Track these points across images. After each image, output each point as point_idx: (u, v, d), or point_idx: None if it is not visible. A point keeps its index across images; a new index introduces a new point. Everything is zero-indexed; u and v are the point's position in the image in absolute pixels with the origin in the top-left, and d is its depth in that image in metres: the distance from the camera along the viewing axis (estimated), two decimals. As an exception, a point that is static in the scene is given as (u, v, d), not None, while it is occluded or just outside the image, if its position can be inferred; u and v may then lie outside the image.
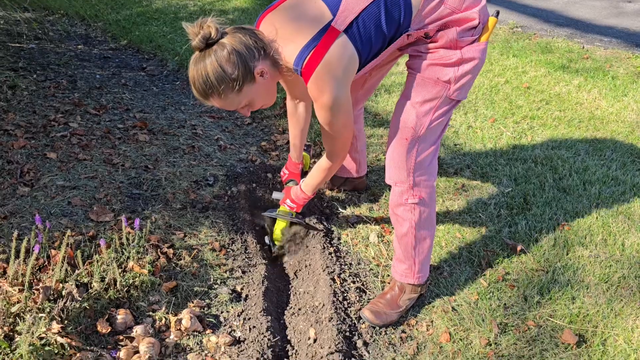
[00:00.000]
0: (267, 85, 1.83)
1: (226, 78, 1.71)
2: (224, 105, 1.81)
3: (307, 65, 1.74)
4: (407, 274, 2.13)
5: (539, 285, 2.25)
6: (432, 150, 1.97)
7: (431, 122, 1.91)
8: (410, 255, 2.10)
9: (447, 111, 1.93)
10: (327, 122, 1.89)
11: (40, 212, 2.39)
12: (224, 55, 1.69)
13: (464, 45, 1.83)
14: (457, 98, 1.91)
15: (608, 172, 3.03)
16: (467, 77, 1.87)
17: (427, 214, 2.05)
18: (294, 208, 2.40)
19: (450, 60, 1.83)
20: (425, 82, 1.88)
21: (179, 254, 2.27)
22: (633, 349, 1.97)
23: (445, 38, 1.82)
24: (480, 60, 1.87)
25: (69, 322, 1.83)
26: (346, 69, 1.77)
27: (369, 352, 1.99)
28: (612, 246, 2.47)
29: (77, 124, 3.24)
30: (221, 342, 1.96)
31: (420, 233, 2.06)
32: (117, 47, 4.96)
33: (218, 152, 3.17)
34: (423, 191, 2.00)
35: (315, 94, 1.81)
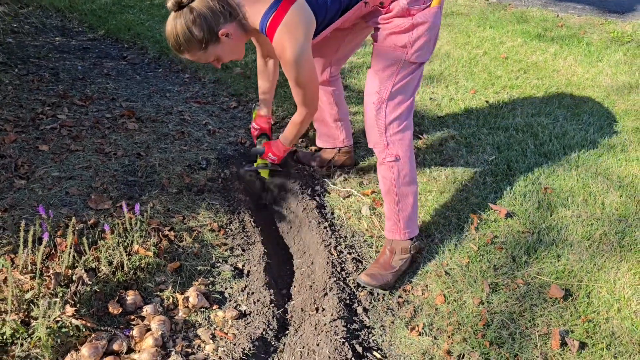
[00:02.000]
0: (233, 44, 2.04)
1: (192, 39, 1.95)
2: (194, 59, 2.06)
3: (269, 26, 1.96)
4: (394, 230, 2.28)
5: (525, 246, 2.37)
6: (403, 111, 2.14)
7: (394, 85, 2.09)
8: (394, 211, 2.25)
9: (410, 73, 2.10)
10: (293, 76, 2.07)
11: (40, 203, 2.43)
12: (191, 18, 1.91)
13: (416, 12, 2.00)
14: (417, 60, 2.09)
15: (586, 135, 3.15)
16: (422, 40, 2.04)
17: (406, 171, 2.20)
18: (275, 160, 2.60)
19: (403, 27, 2.02)
20: (384, 50, 2.09)
21: (180, 236, 2.34)
22: (615, 299, 2.10)
23: (397, 7, 2.00)
24: (432, 23, 2.04)
25: (81, 305, 1.89)
26: (304, 27, 1.97)
27: (369, 317, 2.09)
28: (592, 205, 2.60)
29: (65, 116, 3.26)
30: (228, 316, 2.05)
31: (401, 190, 2.22)
32: (95, 37, 4.93)
33: (207, 137, 3.22)
34: (399, 149, 2.16)
35: (280, 52, 2.01)
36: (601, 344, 1.92)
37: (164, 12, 5.28)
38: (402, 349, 1.96)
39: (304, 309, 2.14)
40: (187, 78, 4.09)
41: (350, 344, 1.93)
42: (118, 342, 1.85)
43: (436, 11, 2.04)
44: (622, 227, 2.46)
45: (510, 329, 1.99)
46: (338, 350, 1.88)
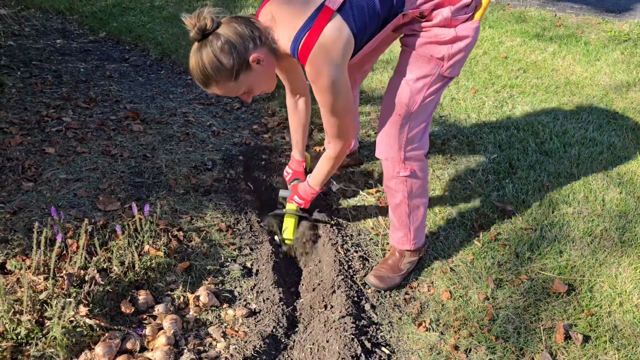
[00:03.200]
0: (265, 71, 1.87)
1: (222, 68, 1.77)
2: (224, 92, 1.86)
3: (302, 48, 1.77)
4: (404, 241, 2.25)
5: (528, 242, 2.41)
6: (424, 127, 2.03)
7: (424, 98, 1.95)
8: (405, 223, 2.20)
9: (439, 88, 1.97)
10: (328, 104, 1.91)
11: (48, 205, 2.46)
12: (218, 46, 1.74)
13: (458, 24, 1.87)
14: (449, 75, 1.95)
15: (586, 134, 3.20)
16: (460, 55, 1.91)
17: (419, 185, 2.12)
18: (302, 204, 2.40)
19: (444, 38, 1.87)
20: (419, 59, 1.92)
21: (188, 236, 2.37)
22: (617, 293, 2.14)
23: (440, 17, 1.85)
24: (473, 38, 1.91)
25: (94, 305, 1.92)
26: (342, 49, 1.79)
27: (376, 314, 2.13)
28: (593, 202, 2.64)
29: (70, 118, 3.29)
30: (238, 314, 2.08)
31: (413, 202, 2.15)
32: (96, 39, 4.95)
33: (212, 138, 3.25)
34: (414, 164, 2.07)
35: (313, 77, 1.83)
36: (604, 337, 1.96)
37: (165, 14, 5.31)
38: (410, 344, 2.00)
39: (312, 306, 2.17)
40: (189, 80, 4.12)
41: (359, 340, 1.96)
42: (131, 341, 1.88)
43: (477, 26, 1.92)
44: (623, 223, 2.50)
45: (516, 324, 2.03)
46: (348, 347, 1.91)
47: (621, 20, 4.77)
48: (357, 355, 1.91)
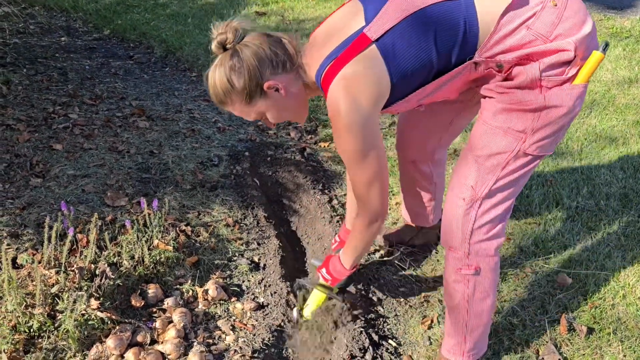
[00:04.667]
0: (285, 101, 1.61)
1: (232, 89, 1.55)
2: (238, 113, 1.65)
3: (325, 76, 1.50)
4: (455, 351, 1.81)
5: (532, 236, 2.43)
6: (499, 215, 1.61)
7: (497, 180, 1.55)
8: (460, 331, 1.76)
9: (521, 167, 1.55)
10: (345, 151, 1.58)
11: (57, 201, 2.49)
12: (232, 65, 1.52)
13: (551, 87, 1.42)
14: (537, 153, 1.52)
15: (588, 129, 3.22)
16: (549, 129, 1.47)
17: (485, 287, 1.69)
18: (328, 281, 1.95)
19: (528, 106, 1.45)
20: (493, 130, 1.52)
21: (196, 231, 2.40)
22: (620, 286, 2.16)
23: (524, 76, 1.42)
24: (570, 108, 1.44)
25: (104, 298, 1.95)
26: (370, 89, 1.48)
27: (383, 307, 2.15)
28: (596, 197, 2.66)
29: (77, 115, 3.31)
30: (246, 308, 2.11)
31: (474, 309, 1.72)
32: (101, 37, 4.98)
33: (218, 134, 3.28)
34: (482, 261, 1.64)
35: (332, 112, 1.52)
36: (608, 329, 1.99)
37: (169, 12, 5.33)
38: (415, 337, 2.03)
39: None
40: (194, 77, 4.15)
41: (367, 333, 1.99)
42: (142, 334, 1.91)
43: (581, 92, 1.43)
44: (626, 217, 2.52)
45: (521, 316, 2.06)
46: (356, 339, 1.94)
47: (623, 17, 4.79)
48: (364, 348, 1.93)
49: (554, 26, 1.40)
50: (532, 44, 1.40)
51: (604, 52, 1.40)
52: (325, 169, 3.02)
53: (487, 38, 1.43)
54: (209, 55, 4.22)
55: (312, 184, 2.83)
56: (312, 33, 1.66)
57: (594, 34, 1.44)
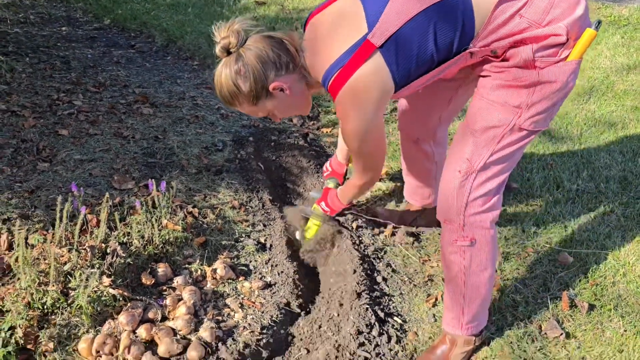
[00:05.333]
0: (290, 100, 1.70)
1: (238, 92, 1.64)
2: (246, 112, 1.74)
3: (333, 83, 1.57)
4: (454, 325, 1.84)
5: (534, 218, 2.48)
6: (494, 188, 1.65)
7: (492, 153, 1.59)
8: (458, 303, 1.80)
9: (516, 142, 1.59)
10: (354, 147, 1.76)
11: (65, 184, 2.51)
12: (236, 69, 1.60)
13: (545, 66, 1.47)
14: (532, 128, 1.56)
15: (588, 114, 3.26)
16: (544, 104, 1.52)
17: (482, 260, 1.72)
18: (328, 212, 2.24)
19: (522, 81, 1.50)
20: (490, 105, 1.57)
21: (203, 213, 2.43)
22: (621, 265, 2.21)
23: (518, 57, 1.48)
24: (564, 83, 1.49)
25: (116, 276, 1.98)
26: (376, 95, 1.57)
27: (388, 286, 2.19)
28: (596, 180, 2.71)
29: (81, 102, 3.33)
30: (254, 286, 2.14)
31: (472, 280, 1.74)
32: (102, 26, 4.99)
33: (221, 120, 3.31)
34: (477, 232, 1.68)
35: (340, 116, 1.68)
36: (609, 305, 2.04)
37: (169, 1, 5.35)
38: (420, 314, 2.07)
39: (327, 279, 2.24)
40: (196, 65, 4.17)
41: (373, 310, 2.03)
42: (153, 311, 1.94)
43: (574, 68, 1.48)
44: (625, 199, 2.57)
45: (523, 294, 2.10)
46: (362, 316, 1.98)
47: (621, 5, 4.83)
48: (371, 324, 1.97)
49: (546, 12, 1.44)
50: (525, 30, 1.45)
51: (597, 29, 1.44)
52: (328, 154, 3.05)
53: (482, 29, 1.48)
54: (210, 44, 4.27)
55: (315, 167, 2.87)
56: (309, 18, 1.69)
57: (586, 15, 1.47)
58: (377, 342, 1.93)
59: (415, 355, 1.92)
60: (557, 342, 1.92)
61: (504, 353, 1.89)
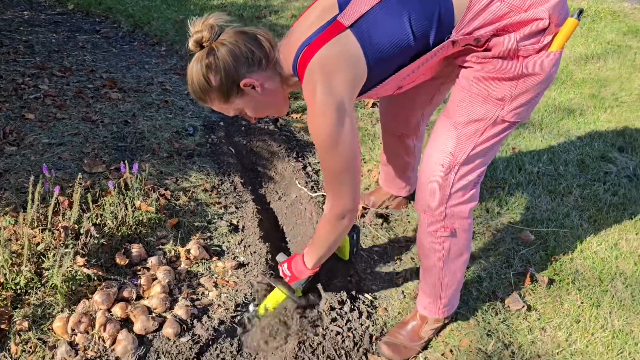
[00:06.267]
0: (262, 98, 1.61)
1: (209, 87, 1.56)
2: (217, 109, 1.66)
3: (300, 61, 1.50)
4: (431, 308, 1.89)
5: (498, 199, 2.58)
6: (474, 180, 1.65)
7: (474, 147, 1.58)
8: (436, 289, 1.84)
9: (498, 134, 1.58)
10: (319, 137, 1.54)
11: (34, 167, 2.49)
12: (208, 63, 1.52)
13: (528, 55, 1.45)
14: (514, 120, 1.55)
15: (548, 102, 3.39)
16: (527, 96, 1.51)
17: (459, 247, 1.76)
18: (287, 278, 1.91)
19: (507, 74, 1.47)
20: (472, 98, 1.55)
21: (176, 195, 2.45)
22: (578, 242, 2.33)
23: (502, 46, 1.44)
24: (547, 75, 1.47)
25: (89, 256, 1.99)
26: (346, 70, 1.47)
27: (358, 266, 2.26)
28: (556, 163, 2.83)
29: (47, 86, 3.29)
30: (228, 266, 2.18)
31: (449, 267, 1.79)
32: (65, 11, 4.90)
33: (191, 105, 3.31)
34: (457, 223, 1.70)
35: (307, 96, 1.51)
36: (567, 279, 2.15)
37: (135, -13, 5.28)
38: (390, 292, 2.14)
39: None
40: (163, 51, 4.14)
41: (346, 288, 2.09)
42: (127, 290, 1.96)
43: (556, 59, 1.45)
44: (583, 181, 2.70)
45: (488, 270, 2.20)
46: (334, 293, 2.04)
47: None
48: (343, 301, 2.04)
49: None
50: (507, 15, 1.41)
51: (578, 18, 1.42)
52: (298, 139, 3.10)
53: (462, 16, 1.44)
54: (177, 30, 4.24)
55: (286, 152, 2.91)
56: (292, 26, 1.66)
57: (564, 1, 1.45)
58: (348, 317, 2.00)
59: (385, 330, 1.99)
60: (519, 314, 2.02)
61: (470, 325, 1.98)
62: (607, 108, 3.31)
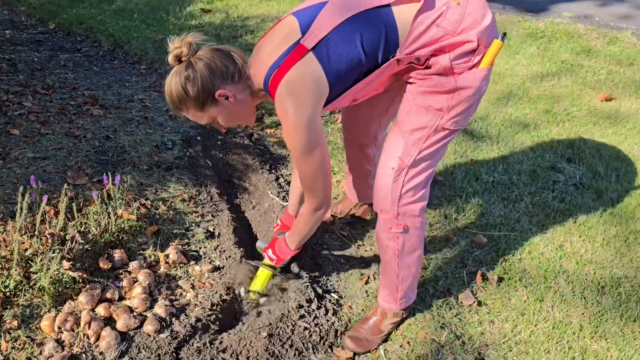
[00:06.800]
0: (234, 108, 1.81)
1: (186, 97, 1.75)
2: (192, 118, 1.85)
3: (271, 82, 1.72)
4: (389, 300, 2.10)
5: (456, 206, 2.80)
6: (422, 181, 1.88)
7: (420, 151, 1.82)
8: (393, 282, 2.06)
9: (440, 140, 1.82)
10: (297, 145, 1.77)
11: (20, 180, 2.64)
12: (185, 76, 1.71)
13: (461, 72, 1.69)
14: (453, 127, 1.80)
15: (505, 116, 3.64)
16: (462, 106, 1.75)
17: (413, 243, 1.98)
18: (274, 261, 2.23)
19: (442, 88, 1.72)
20: (416, 109, 1.79)
21: (155, 205, 2.61)
22: (527, 244, 2.55)
23: (438, 65, 1.69)
24: (477, 88, 1.72)
25: (75, 261, 2.14)
26: (310, 89, 1.70)
27: (326, 267, 2.44)
28: (510, 173, 3.06)
29: (31, 103, 3.43)
30: (204, 269, 2.35)
31: (404, 261, 2.01)
32: (47, 30, 5.05)
33: (170, 121, 3.48)
34: (409, 220, 1.92)
35: (280, 114, 1.75)
36: (515, 277, 2.36)
37: (114, 7, 5.45)
38: (354, 291, 2.33)
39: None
40: (143, 69, 4.32)
41: (313, 287, 2.27)
42: (110, 291, 2.11)
43: (485, 75, 1.70)
44: (533, 189, 2.93)
45: (444, 270, 2.40)
46: (302, 292, 2.23)
47: (538, 19, 5.32)
48: (310, 299, 2.22)
49: (459, 22, 1.65)
50: (442, 38, 1.66)
51: (503, 40, 1.68)
52: (271, 152, 3.29)
53: (405, 38, 1.68)
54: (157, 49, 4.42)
55: (260, 164, 3.09)
56: (256, 45, 1.88)
57: (493, 24, 1.70)
58: (315, 314, 2.18)
59: (349, 325, 2.17)
60: (471, 309, 2.22)
61: (426, 319, 2.17)
62: (559, 122, 3.57)
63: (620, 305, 2.24)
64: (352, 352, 2.06)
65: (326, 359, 2.03)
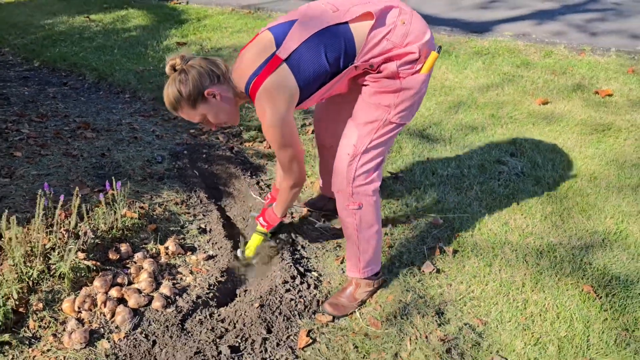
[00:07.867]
0: (221, 105, 2.16)
1: (180, 97, 2.10)
2: (186, 117, 2.19)
3: (252, 87, 2.06)
4: (354, 270, 2.44)
5: (415, 196, 3.21)
6: (372, 166, 2.21)
7: (371, 141, 2.16)
8: (354, 253, 2.39)
9: (388, 132, 2.17)
10: (275, 138, 2.15)
11: (27, 193, 2.96)
12: (181, 79, 2.08)
13: (405, 76, 2.06)
14: (399, 121, 2.15)
15: (456, 122, 4.11)
16: (406, 104, 2.11)
17: (368, 219, 2.30)
18: (265, 226, 2.63)
19: (390, 88, 2.08)
20: (368, 106, 2.15)
21: (152, 208, 2.96)
22: (477, 223, 2.97)
23: (388, 70, 2.05)
24: (418, 89, 2.10)
25: (88, 252, 2.47)
26: (284, 95, 2.04)
27: (306, 251, 2.81)
28: (462, 167, 3.50)
29: (28, 130, 3.76)
30: (200, 258, 2.69)
31: (363, 235, 2.33)
32: (32, 67, 5.38)
33: (157, 140, 3.84)
34: (363, 199, 2.24)
35: (259, 114, 2.11)
36: (467, 249, 2.77)
37: (95, 44, 5.82)
38: (332, 270, 2.70)
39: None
40: (127, 97, 4.68)
41: (295, 267, 2.64)
42: (120, 277, 2.44)
43: (424, 79, 2.08)
44: (482, 179, 3.37)
45: (407, 247, 2.80)
46: (287, 270, 2.59)
47: (483, 39, 5.90)
48: (294, 276, 2.58)
49: (405, 37, 2.01)
50: (391, 50, 2.02)
51: (438, 52, 2.08)
52: (251, 162, 3.67)
53: (361, 49, 2.03)
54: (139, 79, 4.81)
55: (242, 172, 3.47)
56: (239, 53, 2.21)
57: (432, 40, 2.08)
58: (299, 288, 2.54)
59: (329, 296, 2.53)
60: (431, 276, 2.61)
61: (394, 286, 2.55)
62: (503, 124, 4.06)
63: (555, 265, 2.66)
64: (332, 316, 2.43)
65: (310, 323, 2.38)
